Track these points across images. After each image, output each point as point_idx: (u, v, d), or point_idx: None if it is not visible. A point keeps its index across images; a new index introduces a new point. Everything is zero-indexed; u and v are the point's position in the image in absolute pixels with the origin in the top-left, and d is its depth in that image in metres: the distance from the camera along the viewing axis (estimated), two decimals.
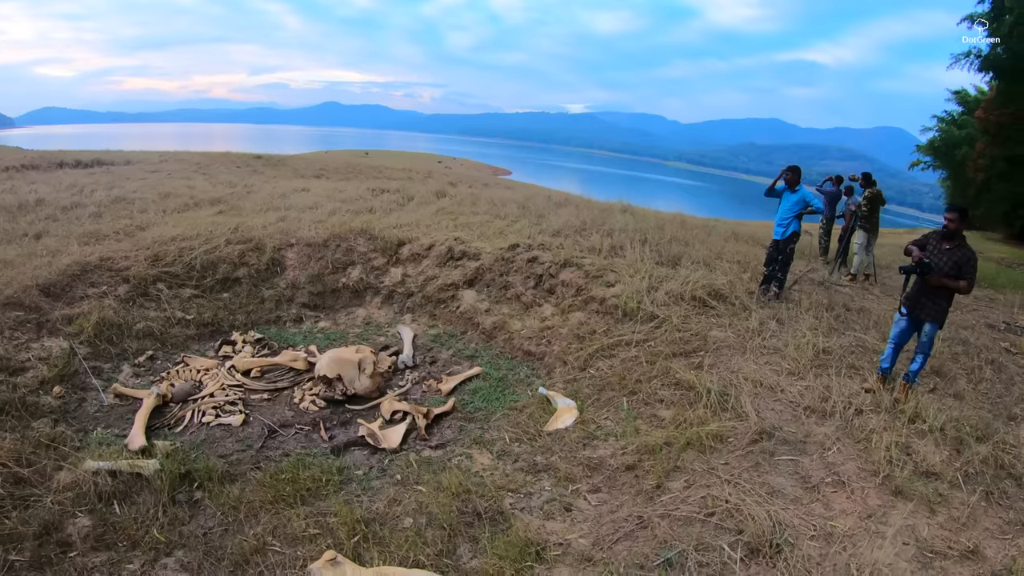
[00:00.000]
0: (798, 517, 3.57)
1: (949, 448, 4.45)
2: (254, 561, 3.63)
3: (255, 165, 22.73)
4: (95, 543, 3.80)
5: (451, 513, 3.91)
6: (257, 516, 4.10)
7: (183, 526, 4.02)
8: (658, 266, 8.35)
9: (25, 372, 5.91)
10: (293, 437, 5.61)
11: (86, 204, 11.72)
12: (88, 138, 47.19)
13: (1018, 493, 4.03)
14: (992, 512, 3.82)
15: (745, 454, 4.30)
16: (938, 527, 3.55)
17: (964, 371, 6.18)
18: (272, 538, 3.84)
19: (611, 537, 3.56)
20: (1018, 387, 5.87)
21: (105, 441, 5.16)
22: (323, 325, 8.41)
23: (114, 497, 4.21)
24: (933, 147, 33.53)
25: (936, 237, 5.35)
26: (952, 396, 5.51)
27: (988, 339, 7.42)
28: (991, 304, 10.03)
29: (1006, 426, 4.90)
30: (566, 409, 5.56)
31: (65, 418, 5.50)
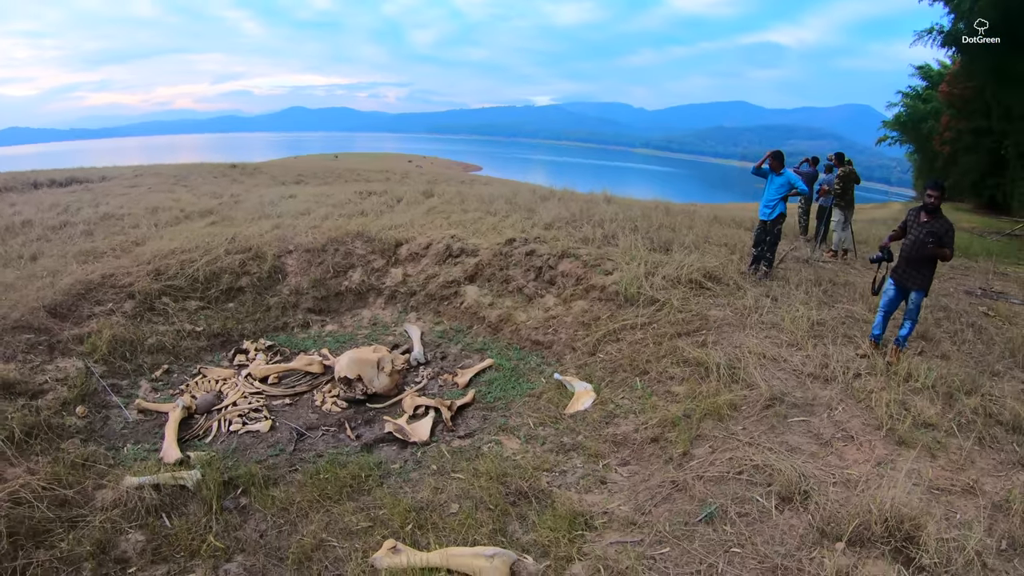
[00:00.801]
0: (817, 469, 3.93)
1: (941, 402, 4.88)
2: (316, 558, 3.79)
3: (232, 174, 22.56)
4: (153, 556, 3.85)
5: (495, 495, 4.17)
6: (307, 515, 4.26)
7: (237, 531, 4.13)
8: (652, 252, 8.68)
9: (45, 394, 5.93)
10: (321, 438, 5.79)
11: (75, 223, 11.64)
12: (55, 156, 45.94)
13: (1007, 437, 4.46)
14: (986, 455, 4.24)
15: (760, 419, 4.66)
16: (940, 469, 3.95)
17: (947, 335, 6.62)
18: (327, 534, 4.00)
19: (650, 502, 3.87)
20: (998, 346, 6.33)
21: (138, 456, 5.25)
22: (330, 328, 8.57)
23: (162, 510, 4.27)
24: (899, 122, 34.42)
25: (915, 212, 5.80)
26: (939, 357, 5.93)
27: (967, 305, 7.91)
28: (967, 272, 10.59)
29: (991, 381, 5.34)
30: (584, 392, 5.86)
31: (93, 437, 5.55)
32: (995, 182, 26.50)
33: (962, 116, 26.83)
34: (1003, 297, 8.62)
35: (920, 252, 5.61)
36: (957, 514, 3.28)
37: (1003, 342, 6.42)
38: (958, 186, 30.14)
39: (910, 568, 2.93)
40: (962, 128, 27.24)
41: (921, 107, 32.00)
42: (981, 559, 2.99)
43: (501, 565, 3.23)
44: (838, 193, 10.65)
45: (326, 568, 3.71)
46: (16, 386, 5.81)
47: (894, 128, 35.42)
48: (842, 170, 10.61)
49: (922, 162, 34.78)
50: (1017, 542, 3.26)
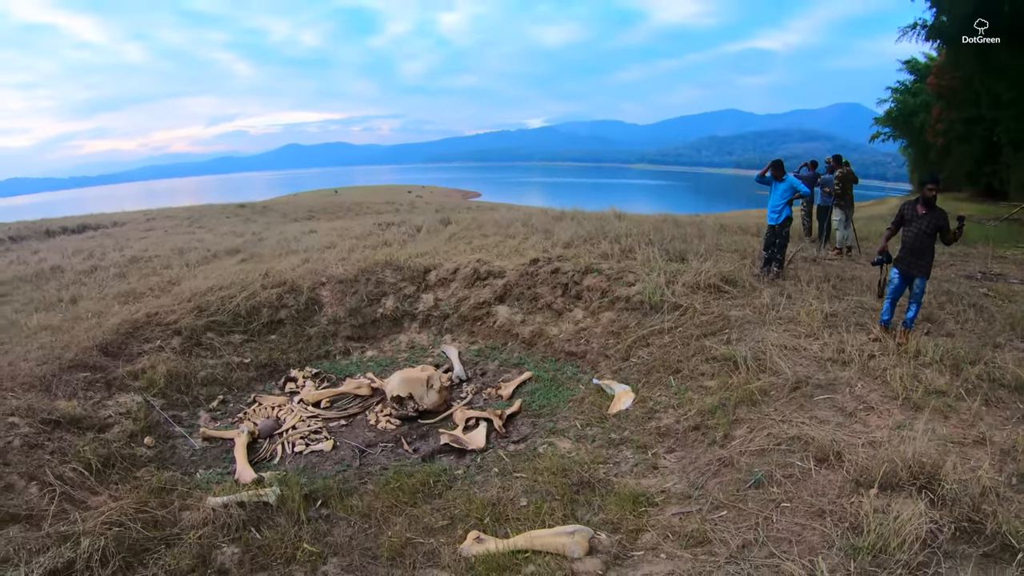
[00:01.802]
0: (845, 435, 4.40)
1: (949, 372, 5.40)
2: (406, 554, 4.15)
3: (243, 214, 23.27)
4: (251, 566, 4.07)
5: (559, 487, 4.60)
6: (388, 519, 4.64)
7: (326, 537, 4.41)
8: (669, 262, 9.19)
9: (111, 428, 6.29)
10: (381, 454, 6.21)
11: (106, 267, 12.21)
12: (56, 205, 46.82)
13: (1011, 398, 4.99)
14: (992, 413, 4.75)
15: (788, 400, 5.14)
16: (952, 427, 4.45)
17: (951, 315, 7.12)
18: (411, 533, 4.38)
19: (701, 479, 4.32)
20: (999, 322, 6.83)
21: (213, 480, 5.60)
22: (371, 354, 9.05)
23: (250, 524, 4.49)
24: (891, 118, 34.96)
25: (911, 205, 6.32)
26: (944, 335, 6.42)
27: (968, 288, 8.40)
28: (966, 259, 11.08)
29: (993, 352, 5.83)
30: (623, 393, 6.33)
31: (165, 465, 5.91)
32: (991, 169, 26.85)
33: (952, 107, 27.28)
34: (1002, 279, 9.11)
35: (924, 243, 6.12)
36: (970, 460, 3.75)
37: (1003, 318, 6.92)
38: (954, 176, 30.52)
39: (934, 503, 3.39)
40: (953, 118, 27.69)
41: (911, 101, 32.54)
42: (994, 491, 3.46)
43: (582, 540, 3.66)
44: (838, 193, 11.20)
45: (416, 561, 4.06)
46: (83, 421, 6.17)
47: (886, 124, 35.97)
48: (840, 171, 11.18)
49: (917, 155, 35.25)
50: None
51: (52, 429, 5.85)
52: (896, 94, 33.95)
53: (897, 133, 35.76)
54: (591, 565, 3.49)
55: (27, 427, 5.67)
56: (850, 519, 3.41)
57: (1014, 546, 3.11)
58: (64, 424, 6.00)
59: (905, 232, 6.30)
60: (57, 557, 3.66)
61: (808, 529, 3.42)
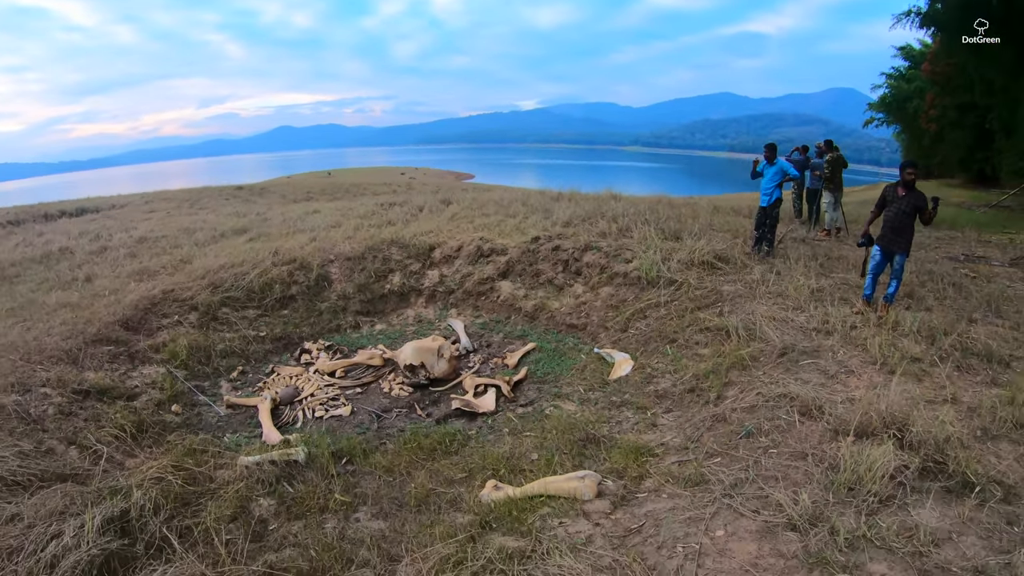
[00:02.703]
0: (827, 393, 4.86)
1: (925, 342, 5.87)
2: (431, 501, 4.56)
3: (242, 195, 23.42)
4: (287, 515, 4.38)
5: (567, 442, 5.04)
6: (411, 473, 5.05)
7: (356, 489, 4.78)
8: (665, 240, 9.60)
9: (139, 397, 6.66)
10: (396, 418, 6.63)
11: (115, 247, 12.49)
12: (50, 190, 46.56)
13: (980, 365, 5.46)
14: (963, 378, 5.22)
15: (776, 365, 5.60)
16: (924, 388, 4.91)
17: (931, 292, 7.57)
18: (433, 484, 4.78)
19: (696, 433, 4.78)
20: (975, 299, 7.29)
21: (241, 442, 5.98)
22: (380, 327, 9.45)
23: (282, 479, 4.81)
24: (885, 103, 34.98)
25: (892, 188, 6.76)
26: (924, 310, 6.87)
27: (950, 268, 8.87)
28: (952, 242, 11.56)
29: (968, 325, 6.30)
30: (623, 360, 6.78)
31: (193, 430, 6.23)
32: (983, 156, 26.92)
33: (946, 93, 27.32)
34: (984, 261, 9.59)
35: (903, 222, 6.56)
36: (939, 415, 4.19)
37: (981, 296, 7.39)
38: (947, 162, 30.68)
39: (903, 446, 3.85)
40: (947, 105, 27.75)
41: (905, 87, 32.57)
42: (958, 439, 3.93)
43: (591, 483, 4.10)
44: (827, 177, 11.63)
45: (440, 507, 4.44)
46: (111, 391, 6.51)
47: (880, 110, 36.03)
48: (830, 156, 11.60)
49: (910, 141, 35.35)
50: (988, 432, 4.21)
51: (83, 399, 6.19)
52: (890, 80, 33.97)
53: (891, 119, 35.80)
54: (600, 506, 3.94)
55: (59, 397, 6.00)
56: (829, 460, 3.87)
57: (973, 483, 3.57)
58: (94, 394, 6.34)
59: (887, 212, 6.75)
60: (112, 507, 3.96)
61: (792, 469, 3.88)
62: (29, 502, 3.90)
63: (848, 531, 3.18)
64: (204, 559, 3.55)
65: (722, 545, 3.23)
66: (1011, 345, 5.86)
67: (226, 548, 3.70)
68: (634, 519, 3.68)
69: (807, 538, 3.19)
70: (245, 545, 3.73)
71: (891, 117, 35.56)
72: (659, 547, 3.26)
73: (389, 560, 3.54)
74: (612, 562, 3.08)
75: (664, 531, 3.39)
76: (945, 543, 3.15)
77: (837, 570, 2.95)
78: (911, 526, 3.25)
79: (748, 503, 3.58)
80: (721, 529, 3.37)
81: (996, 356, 5.56)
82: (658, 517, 3.60)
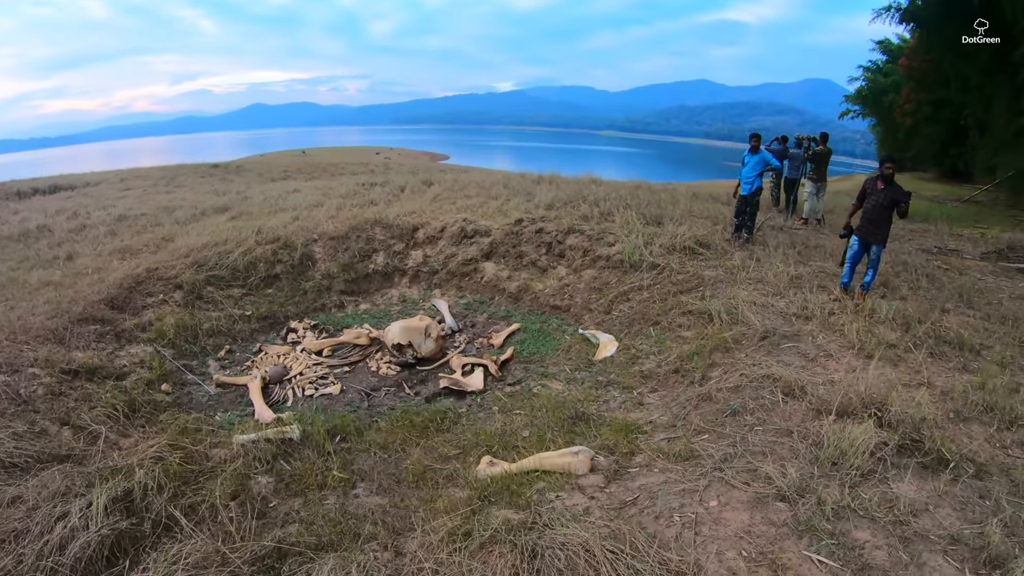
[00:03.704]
0: (808, 375, 5.11)
1: (900, 329, 6.17)
2: (427, 477, 4.63)
3: (218, 173, 23.03)
4: (287, 492, 4.40)
5: (557, 420, 5.21)
6: (405, 450, 5.15)
7: (352, 466, 4.81)
8: (646, 225, 9.79)
9: (128, 376, 6.52)
10: (385, 397, 6.72)
11: (94, 225, 12.27)
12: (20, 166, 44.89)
13: (953, 352, 5.77)
14: (937, 364, 5.52)
15: (758, 348, 5.83)
16: (901, 373, 5.18)
17: (905, 283, 7.91)
18: (428, 461, 4.89)
19: (683, 412, 4.98)
20: (947, 290, 7.67)
21: (233, 421, 5.92)
22: (364, 307, 9.49)
23: (278, 457, 4.83)
24: (861, 96, 35.57)
25: (872, 181, 7.03)
26: (898, 299, 7.17)
27: (923, 260, 9.26)
28: (924, 235, 12.01)
29: (941, 314, 6.63)
30: (608, 341, 6.96)
31: (184, 409, 6.12)
32: (957, 151, 27.54)
33: (922, 88, 27.84)
34: (956, 253, 10.01)
35: (881, 214, 6.83)
36: (915, 398, 4.47)
37: (953, 287, 7.77)
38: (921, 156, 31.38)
39: (882, 425, 4.10)
40: (922, 100, 28.29)
41: (882, 80, 33.13)
42: (933, 420, 4.22)
43: (585, 458, 4.26)
44: (815, 168, 11.96)
45: (437, 482, 4.54)
46: (100, 371, 6.41)
47: (856, 102, 36.64)
48: (820, 148, 11.91)
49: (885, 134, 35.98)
50: (960, 414, 4.53)
51: (72, 379, 6.10)
52: (867, 73, 34.52)
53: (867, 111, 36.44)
54: (594, 480, 4.10)
55: (48, 377, 5.90)
56: (812, 437, 4.10)
57: (947, 459, 3.85)
58: (83, 374, 6.24)
59: (865, 204, 7.02)
60: (115, 487, 3.94)
61: (778, 444, 4.10)
62: (31, 483, 3.88)
63: (833, 502, 3.41)
64: (214, 536, 3.60)
65: (716, 514, 3.43)
66: (982, 335, 6.22)
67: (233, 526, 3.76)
68: (628, 492, 3.86)
69: (795, 507, 3.41)
70: (251, 522, 3.78)
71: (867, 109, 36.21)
72: (656, 517, 3.44)
73: (395, 534, 3.65)
74: (615, 531, 3.24)
75: (660, 502, 3.57)
76: (923, 513, 3.40)
77: (824, 536, 3.18)
78: (891, 498, 3.50)
79: (739, 476, 3.78)
80: (714, 500, 3.56)
81: (967, 344, 5.90)
82: (652, 490, 3.78)
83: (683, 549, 3.12)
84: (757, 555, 3.08)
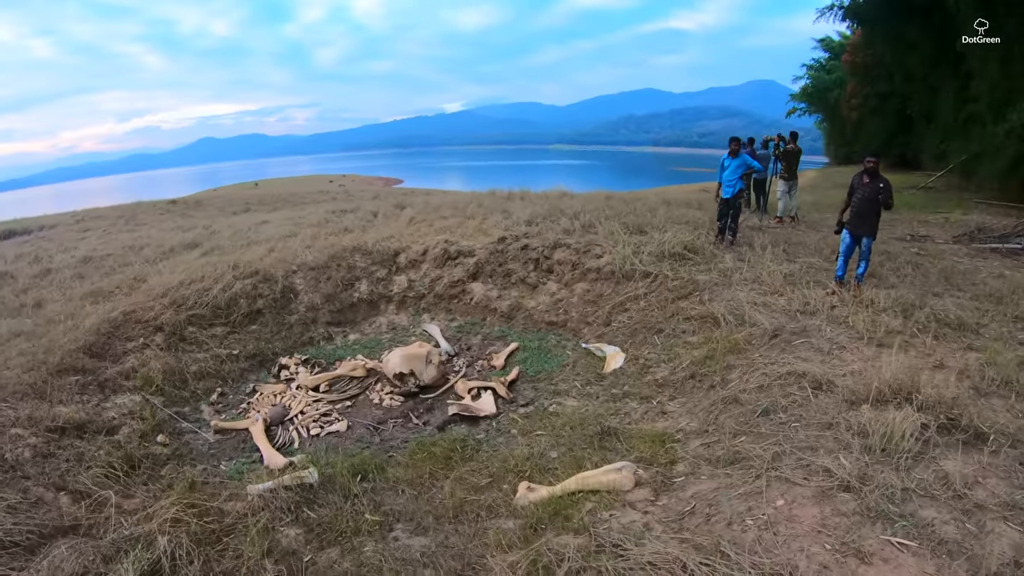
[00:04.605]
0: (828, 370, 5.16)
1: (901, 317, 6.33)
2: (465, 510, 4.33)
3: (177, 209, 22.41)
4: (319, 543, 4.10)
5: (584, 437, 5.10)
6: (433, 483, 4.89)
7: (383, 507, 4.50)
8: (631, 235, 9.85)
9: (119, 430, 6.05)
10: (395, 429, 6.47)
11: (59, 268, 11.71)
12: None
13: (954, 334, 5.97)
14: (942, 346, 5.69)
15: (770, 347, 5.89)
16: (913, 357, 5.29)
17: (891, 271, 8.18)
18: (462, 492, 4.64)
19: (711, 417, 4.95)
20: (933, 275, 7.96)
21: (241, 470, 5.56)
22: (353, 337, 9.22)
23: (301, 506, 4.47)
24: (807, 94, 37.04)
25: (858, 176, 7.25)
26: (888, 288, 7.38)
27: (901, 248, 9.60)
28: (892, 224, 12.44)
29: (934, 299, 6.84)
30: (615, 353, 6.93)
31: (185, 461, 5.71)
32: (904, 140, 28.63)
33: (866, 82, 29.17)
34: (928, 239, 10.41)
35: (868, 207, 7.06)
36: (941, 379, 4.59)
37: (937, 272, 8.05)
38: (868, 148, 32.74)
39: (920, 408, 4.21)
40: (867, 93, 29.52)
41: (826, 77, 34.53)
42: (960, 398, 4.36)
43: (629, 473, 4.16)
44: (786, 166, 12.30)
45: (479, 515, 4.28)
46: (88, 425, 5.92)
47: (802, 100, 38.08)
48: (791, 147, 12.27)
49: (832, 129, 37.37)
50: (980, 390, 4.68)
51: (60, 436, 5.63)
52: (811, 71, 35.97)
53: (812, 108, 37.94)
54: (642, 494, 4.01)
55: (33, 437, 5.43)
56: (855, 427, 4.15)
57: (986, 434, 3.98)
58: (71, 430, 5.77)
59: (853, 199, 7.24)
60: (139, 560, 3.59)
61: (823, 438, 4.13)
62: (43, 566, 3.49)
63: (894, 486, 3.50)
64: None
65: (787, 513, 3.42)
66: (976, 314, 6.48)
67: None
68: (682, 502, 3.79)
69: (860, 496, 3.47)
70: None
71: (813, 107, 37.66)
72: (728, 523, 3.38)
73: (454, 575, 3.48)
74: (697, 542, 3.18)
75: (726, 508, 3.52)
76: (975, 486, 3.51)
77: (896, 519, 3.25)
78: (943, 475, 3.60)
79: (795, 473, 3.79)
80: (780, 499, 3.55)
81: (966, 325, 6.12)
82: (707, 497, 3.72)
83: (770, 551, 3.10)
84: (840, 546, 3.11)
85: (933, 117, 23.27)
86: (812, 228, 11.57)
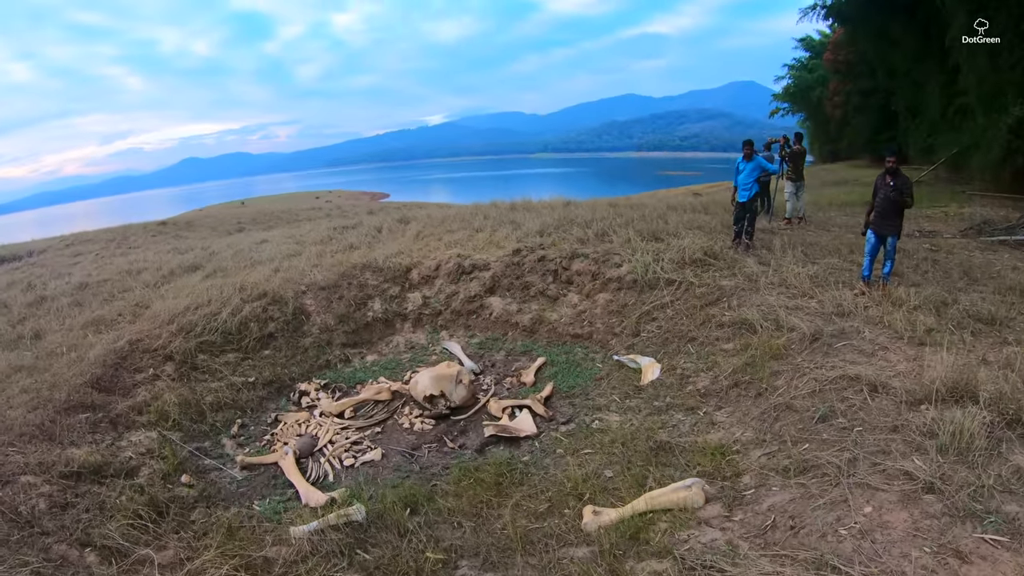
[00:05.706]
0: (875, 371, 5.07)
1: (934, 314, 6.30)
2: (531, 540, 4.12)
3: (169, 231, 22.03)
4: None
5: (638, 453, 4.95)
6: (488, 512, 4.66)
7: (442, 542, 4.26)
8: (648, 242, 9.71)
9: (139, 472, 5.71)
10: (430, 455, 6.22)
11: (54, 296, 11.33)
12: None
13: (988, 329, 5.98)
14: (980, 342, 5.66)
15: (812, 351, 5.80)
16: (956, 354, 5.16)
17: (911, 269, 8.15)
18: (522, 521, 4.38)
19: (765, 426, 4.85)
20: (954, 270, 7.96)
21: (278, 509, 5.29)
22: (371, 358, 8.99)
23: (354, 547, 4.25)
24: (789, 93, 37.42)
25: (881, 177, 7.24)
26: (912, 285, 7.34)
27: (914, 245, 9.56)
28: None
29: (960, 295, 6.83)
30: (650, 364, 6.79)
31: (214, 502, 5.42)
32: (889, 135, 28.70)
33: (848, 79, 29.47)
34: (937, 234, 10.41)
35: (890, 207, 7.05)
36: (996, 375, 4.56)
37: (956, 267, 8.01)
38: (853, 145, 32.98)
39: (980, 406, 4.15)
40: (850, 91, 29.86)
41: (808, 76, 34.92)
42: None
43: (699, 491, 4.03)
44: (792, 167, 12.29)
45: (548, 544, 4.03)
46: (105, 468, 5.56)
47: (784, 99, 38.46)
48: (796, 148, 12.28)
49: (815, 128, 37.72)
50: None
51: (75, 482, 5.25)
52: (792, 71, 36.36)
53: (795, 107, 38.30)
54: (714, 511, 3.89)
55: (47, 485, 5.08)
56: (921, 428, 4.09)
57: None
58: (87, 475, 5.38)
59: (876, 199, 7.23)
60: None
61: (892, 442, 4.05)
62: None
63: (973, 484, 3.47)
64: None
65: (878, 520, 3.36)
66: (1004, 308, 6.45)
67: None
68: (760, 516, 3.69)
69: (944, 497, 3.43)
70: None
71: (795, 106, 38.02)
72: (821, 535, 3.30)
73: None
74: (800, 558, 3.09)
75: (811, 520, 3.44)
76: None
77: (984, 516, 3.23)
78: (1017, 470, 3.58)
79: (874, 478, 3.72)
80: (868, 506, 3.48)
81: (998, 319, 6.10)
82: (786, 510, 3.62)
83: (874, 560, 3.05)
84: (938, 548, 3.09)
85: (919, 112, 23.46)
86: (822, 228, 11.55)
